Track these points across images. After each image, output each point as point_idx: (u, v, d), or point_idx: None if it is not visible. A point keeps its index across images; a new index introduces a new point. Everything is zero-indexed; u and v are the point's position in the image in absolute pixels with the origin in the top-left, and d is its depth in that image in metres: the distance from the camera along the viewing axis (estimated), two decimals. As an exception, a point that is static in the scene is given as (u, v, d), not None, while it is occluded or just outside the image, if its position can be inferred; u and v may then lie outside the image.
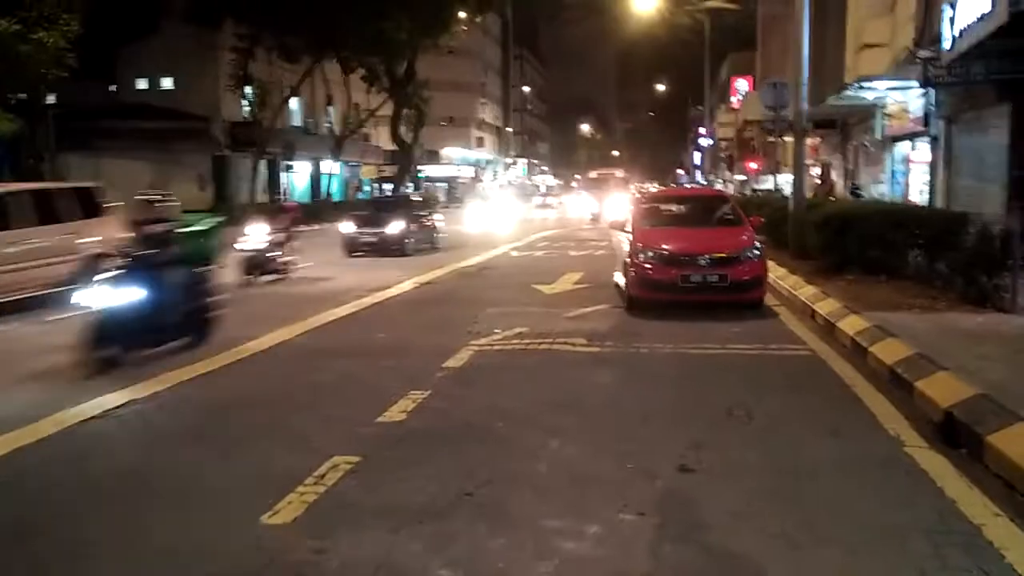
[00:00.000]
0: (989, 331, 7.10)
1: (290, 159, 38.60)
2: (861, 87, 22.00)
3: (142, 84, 37.10)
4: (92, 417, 5.57)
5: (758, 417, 5.31)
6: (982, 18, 12.32)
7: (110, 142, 30.77)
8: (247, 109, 35.83)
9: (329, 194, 41.48)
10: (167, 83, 36.84)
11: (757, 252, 9.48)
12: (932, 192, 21.38)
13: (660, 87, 74.98)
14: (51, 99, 25.60)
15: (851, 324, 7.58)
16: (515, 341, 7.99)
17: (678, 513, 3.82)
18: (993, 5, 11.78)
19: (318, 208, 36.72)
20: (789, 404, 5.65)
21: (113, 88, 36.97)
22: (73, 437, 5.20)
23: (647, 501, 3.94)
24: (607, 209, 32.87)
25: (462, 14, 41.10)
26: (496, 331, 8.45)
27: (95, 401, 5.90)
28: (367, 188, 54.61)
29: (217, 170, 35.55)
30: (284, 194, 37.67)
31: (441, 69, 51.86)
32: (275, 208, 19.19)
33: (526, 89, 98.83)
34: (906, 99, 22.11)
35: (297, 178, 42.96)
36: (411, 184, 53.07)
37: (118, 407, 5.81)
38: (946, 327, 7.29)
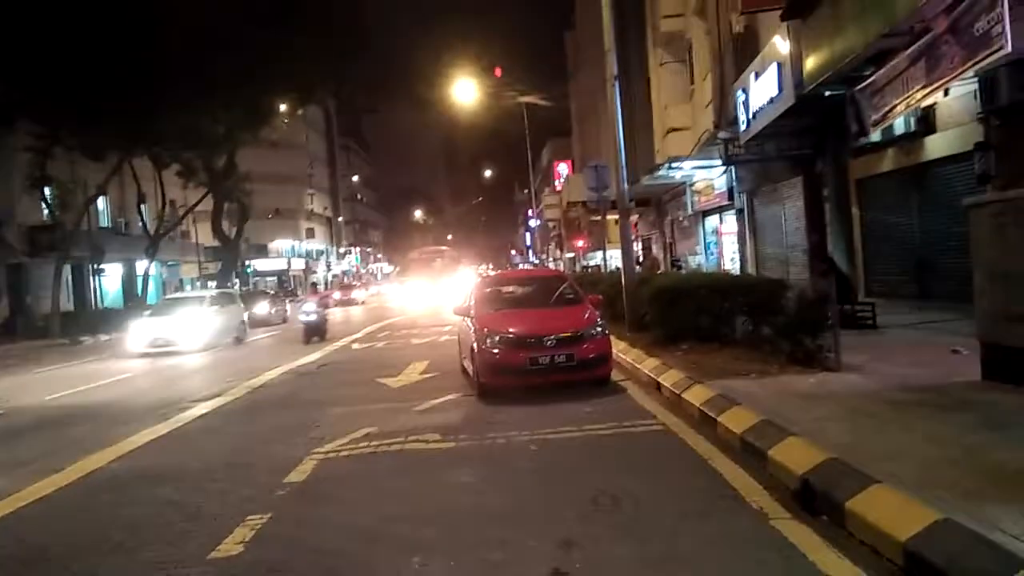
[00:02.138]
0: (822, 391, 7.44)
1: (99, 262, 35.67)
2: (671, 167, 23.74)
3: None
4: None
5: (624, 504, 5.14)
6: (772, 101, 13.63)
7: None
8: (47, 212, 32.96)
9: (143, 297, 38.59)
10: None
11: (600, 329, 9.58)
12: (742, 260, 23.17)
13: (487, 172, 77.56)
14: None
15: (696, 395, 7.72)
16: (363, 444, 7.45)
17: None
18: (780, 89, 13.07)
19: (131, 312, 34.09)
20: (651, 485, 5.53)
21: None
22: None
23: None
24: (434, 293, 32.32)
25: (282, 107, 40.56)
26: (342, 435, 7.87)
27: None
28: (188, 287, 51.66)
29: (13, 278, 32.23)
30: (93, 299, 34.72)
31: (265, 161, 50.81)
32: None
33: (355, 178, 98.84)
34: (711, 176, 24.05)
35: (108, 282, 39.77)
36: (237, 280, 50.75)
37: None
38: (783, 390, 7.58)
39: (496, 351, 9.25)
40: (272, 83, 34.43)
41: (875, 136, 13.55)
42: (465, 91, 36.80)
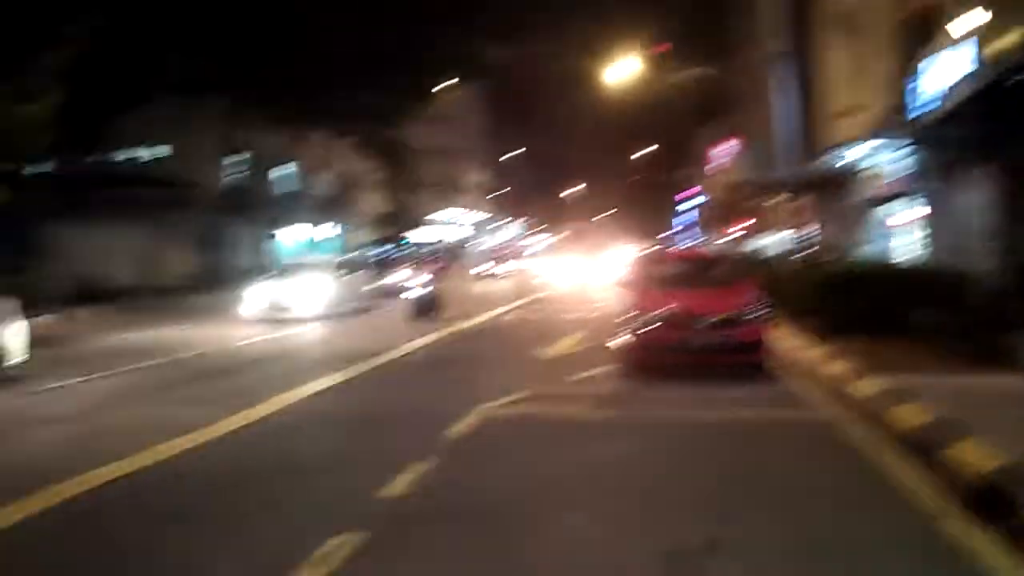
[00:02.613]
0: (1010, 393, 6.91)
1: (279, 225, 38.65)
2: (840, 151, 22.35)
3: (134, 153, 37.29)
4: (74, 496, 5.25)
5: (777, 490, 5.06)
6: (961, 79, 12.53)
7: (102, 211, 30.69)
8: (238, 176, 36.05)
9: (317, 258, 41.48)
10: (159, 151, 37.05)
11: (760, 313, 9.33)
12: (918, 250, 21.54)
13: (647, 149, 76.24)
14: (42, 169, 25.66)
15: (862, 387, 7.39)
16: (520, 406, 7.76)
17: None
18: (972, 65, 12.00)
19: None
20: (807, 475, 5.41)
21: (105, 158, 37.11)
22: (59, 518, 4.86)
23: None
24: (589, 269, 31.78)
25: (451, 82, 41.92)
26: (500, 396, 8.20)
27: (87, 475, 5.58)
28: (355, 252, 54.62)
29: (208, 236, 35.51)
30: (271, 259, 37.62)
31: (432, 133, 52.55)
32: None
33: (516, 152, 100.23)
34: (884, 162, 22.43)
35: (286, 243, 42.95)
36: (399, 248, 53.20)
37: (105, 484, 5.50)
38: (964, 389, 7.10)
39: (649, 329, 9.24)
40: (439, 59, 35.70)
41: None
42: (626, 67, 36.33)
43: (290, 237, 43.32)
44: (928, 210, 21.01)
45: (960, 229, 19.08)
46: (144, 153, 37.09)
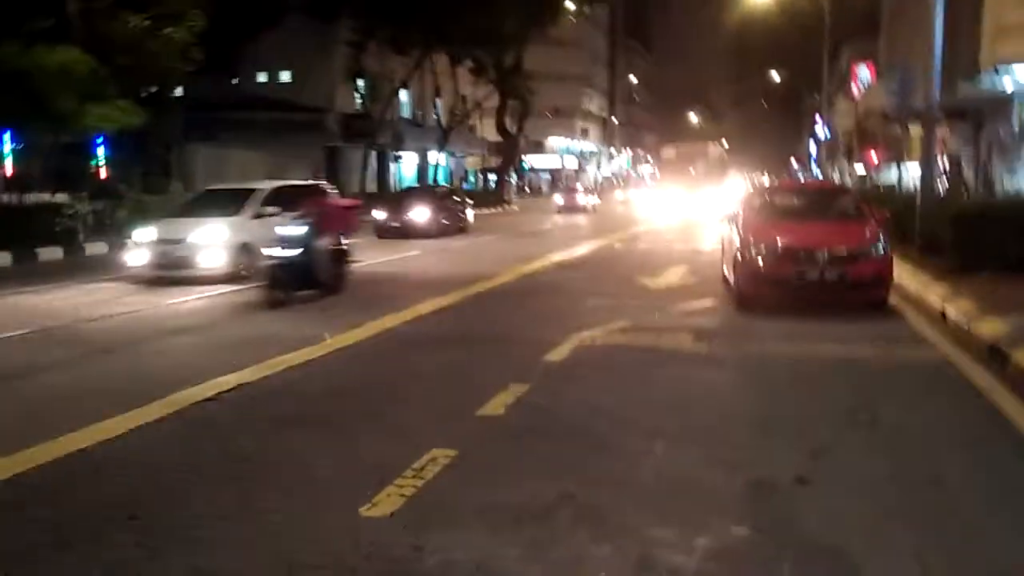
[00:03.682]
0: None
1: (398, 150, 39.46)
2: (999, 72, 20.38)
3: (262, 77, 38.66)
4: (205, 399, 5.73)
5: (883, 424, 4.91)
6: None
7: (231, 133, 32.24)
8: (359, 101, 36.82)
9: (436, 184, 42.15)
10: (285, 76, 38.27)
11: (881, 249, 8.85)
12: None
13: (775, 75, 72.23)
14: (178, 92, 27.04)
15: (989, 326, 6.95)
16: (619, 336, 7.77)
17: (796, 530, 3.52)
18: None
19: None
20: (918, 411, 5.20)
21: (235, 81, 38.70)
22: (183, 420, 5.34)
23: (762, 515, 3.66)
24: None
25: (571, 5, 40.83)
26: (599, 324, 8.24)
27: (209, 383, 6.07)
28: (472, 179, 55.21)
29: (330, 161, 36.71)
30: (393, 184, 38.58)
31: (547, 60, 51.72)
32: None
33: (633, 79, 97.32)
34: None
35: (405, 168, 43.88)
36: (515, 175, 53.33)
37: (229, 390, 5.96)
38: (1101, 334, 6.56)
39: (761, 261, 8.94)
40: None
41: None
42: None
43: (410, 163, 44.21)
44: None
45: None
46: (273, 77, 38.46)
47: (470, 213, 25.22)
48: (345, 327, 8.29)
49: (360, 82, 35.56)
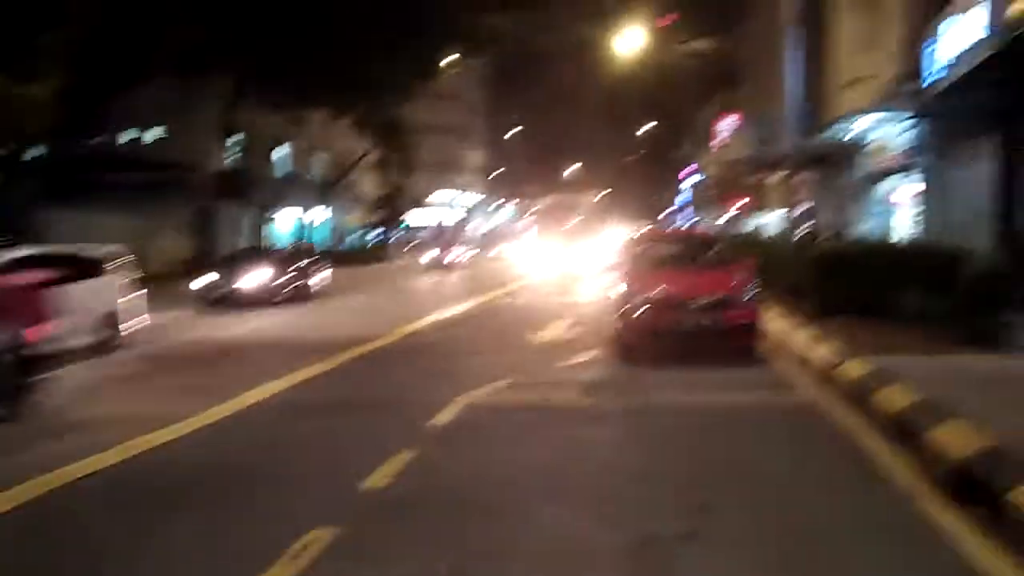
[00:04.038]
0: (1000, 375, 6.89)
1: (276, 208, 38.51)
2: (845, 123, 22.13)
3: (130, 135, 37.09)
4: (64, 485, 5.25)
5: (763, 475, 5.05)
6: (974, 46, 12.29)
7: (96, 195, 30.60)
8: (233, 158, 35.85)
9: (311, 243, 41.30)
10: (155, 133, 36.87)
11: (751, 295, 9.28)
12: (919, 228, 21.40)
13: (646, 127, 75.76)
14: (37, 152, 25.51)
15: (850, 369, 7.35)
16: (506, 394, 7.72)
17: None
18: (986, 31, 11.75)
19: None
20: (794, 460, 5.40)
21: (100, 140, 36.90)
22: (37, 512, 4.84)
23: (651, 573, 3.65)
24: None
25: (452, 57, 41.52)
26: (486, 383, 8.17)
27: (62, 470, 5.57)
28: (353, 235, 54.49)
29: (202, 220, 35.38)
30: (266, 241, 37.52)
31: (428, 113, 52.20)
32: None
33: (513, 131, 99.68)
34: (889, 135, 22.21)
35: (282, 226, 42.79)
36: (398, 231, 53.11)
37: (88, 475, 5.48)
38: (952, 371, 7.07)
39: (641, 311, 9.19)
40: (438, 37, 35.33)
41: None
42: (628, 41, 35.97)
43: (286, 220, 43.18)
44: (926, 186, 20.91)
45: (958, 206, 19.00)
46: (142, 135, 36.92)
47: (324, 274, 22.26)
48: (217, 399, 7.87)
49: (234, 139, 34.64)
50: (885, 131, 22.08)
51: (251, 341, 12.76)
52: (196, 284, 18.42)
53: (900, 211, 23.04)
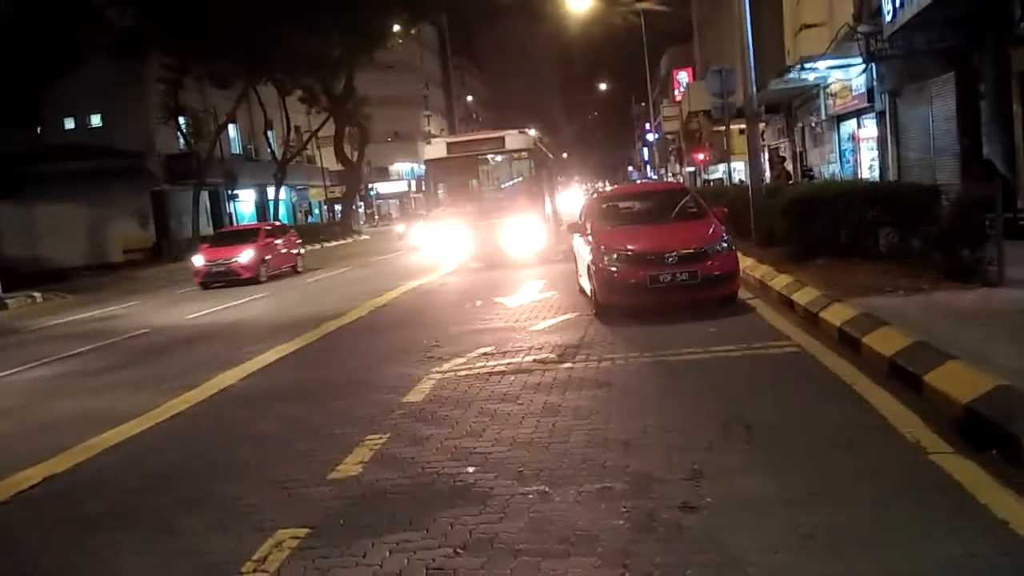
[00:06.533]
0: (984, 308, 6.65)
1: (233, 188, 37.42)
2: (803, 68, 21.85)
3: (69, 124, 35.66)
4: (3, 502, 4.83)
5: (758, 431, 4.73)
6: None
7: (40, 187, 29.43)
8: (183, 140, 34.64)
9: (276, 220, 40.27)
10: (96, 120, 35.48)
11: (726, 244, 8.96)
12: (883, 167, 21.33)
13: (602, 86, 75.18)
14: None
15: (836, 313, 7.08)
16: (480, 364, 7.34)
17: (693, 569, 3.20)
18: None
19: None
20: (788, 412, 5.09)
21: (38, 131, 35.37)
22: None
23: (655, 554, 3.32)
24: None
25: (396, 27, 40.39)
26: (460, 354, 7.80)
27: (10, 479, 5.14)
28: (316, 211, 53.54)
29: (156, 206, 34.28)
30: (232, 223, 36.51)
31: (381, 85, 51.08)
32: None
33: (469, 98, 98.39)
34: (849, 76, 22.04)
35: (243, 206, 41.73)
36: (362, 203, 52.18)
37: (32, 487, 5.06)
38: (937, 308, 6.83)
39: (614, 269, 8.84)
40: (384, 2, 34.28)
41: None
42: (579, 0, 35.31)
43: (247, 200, 42.10)
44: (886, 126, 20.83)
45: (920, 143, 18.95)
46: (83, 123, 35.53)
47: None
48: (180, 389, 7.45)
49: (181, 120, 33.39)
50: (844, 73, 21.91)
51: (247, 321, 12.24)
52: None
53: (865, 149, 22.99)
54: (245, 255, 19.01)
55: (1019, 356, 5.08)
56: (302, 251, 22.61)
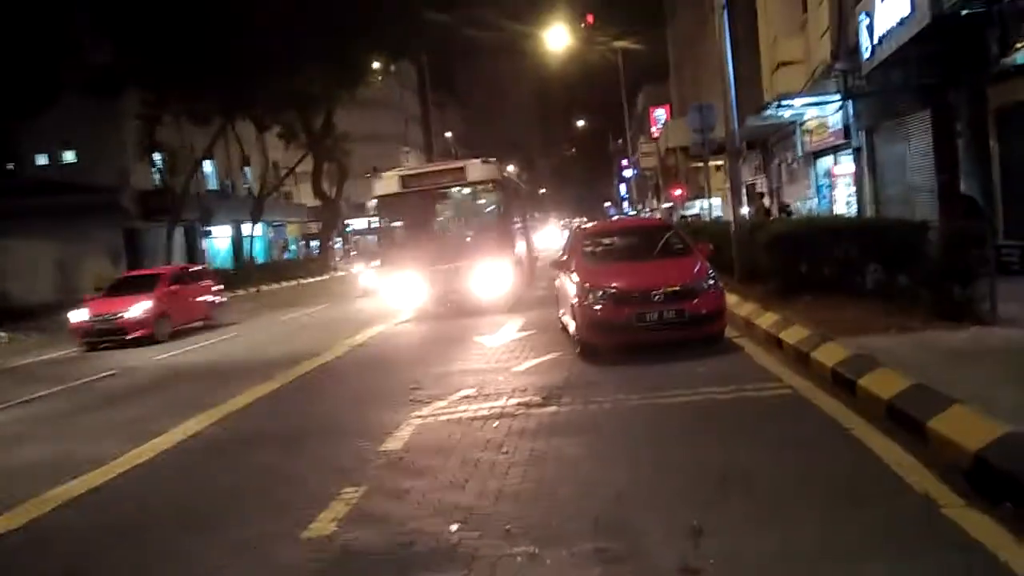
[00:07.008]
0: (980, 348, 6.49)
1: (208, 224, 36.97)
2: (780, 105, 22.07)
3: (42, 160, 35.15)
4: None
5: (757, 483, 4.47)
6: (902, 22, 12.18)
7: (11, 223, 28.76)
8: (158, 177, 34.24)
9: (252, 257, 39.80)
10: (69, 156, 35.02)
11: (713, 281, 8.79)
12: (860, 203, 21.47)
13: (580, 123, 75.90)
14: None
15: (827, 353, 6.89)
16: (462, 408, 7.04)
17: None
18: (913, 9, 11.64)
19: (242, 273, 35.23)
20: (787, 460, 4.84)
21: (11, 167, 34.80)
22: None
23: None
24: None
25: (376, 64, 40.51)
26: (440, 398, 7.50)
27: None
28: (293, 247, 53.15)
29: (129, 243, 33.71)
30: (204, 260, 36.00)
31: (360, 121, 51.07)
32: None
33: (448, 134, 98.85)
34: (825, 113, 22.27)
35: (218, 243, 41.24)
36: (340, 239, 51.84)
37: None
38: (932, 348, 6.66)
39: (598, 307, 8.62)
40: (364, 40, 34.35)
41: (1021, 58, 11.93)
42: (557, 39, 35.65)
43: (222, 237, 41.61)
44: (864, 161, 21.01)
45: (897, 179, 19.09)
46: (56, 159, 35.05)
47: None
48: (147, 435, 7.10)
49: (156, 156, 33.02)
50: (820, 110, 22.15)
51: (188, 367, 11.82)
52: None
53: (841, 185, 23.16)
54: (137, 308, 15.59)
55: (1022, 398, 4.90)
56: (220, 299, 19.12)
